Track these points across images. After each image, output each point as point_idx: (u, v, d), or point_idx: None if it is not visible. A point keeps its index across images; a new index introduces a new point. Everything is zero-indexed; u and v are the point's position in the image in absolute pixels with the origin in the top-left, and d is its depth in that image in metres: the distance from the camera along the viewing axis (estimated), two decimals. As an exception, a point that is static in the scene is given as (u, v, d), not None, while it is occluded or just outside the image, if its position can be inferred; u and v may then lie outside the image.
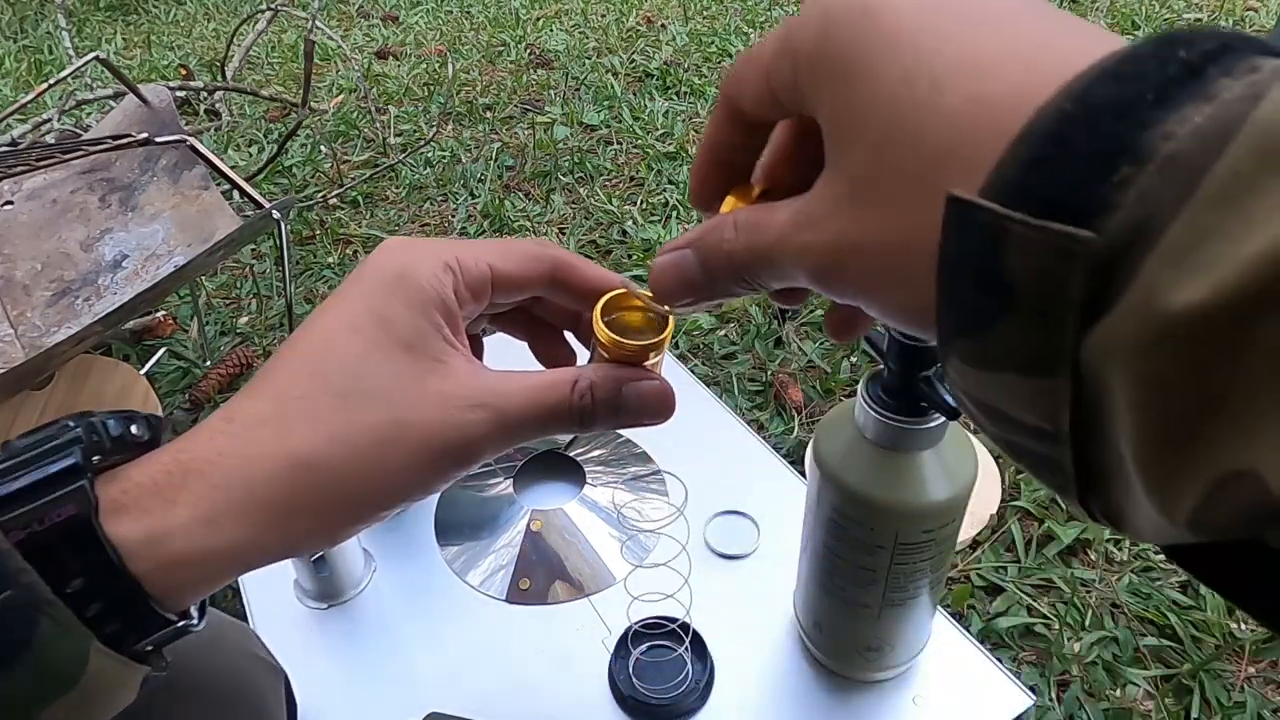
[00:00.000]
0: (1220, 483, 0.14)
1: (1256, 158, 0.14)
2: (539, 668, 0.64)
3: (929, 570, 0.53)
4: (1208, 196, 0.14)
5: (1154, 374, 0.14)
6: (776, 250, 0.23)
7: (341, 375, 0.27)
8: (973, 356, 0.18)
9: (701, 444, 0.80)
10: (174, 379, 1.20)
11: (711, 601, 0.64)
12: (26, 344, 0.99)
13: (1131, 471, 0.16)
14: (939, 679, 0.62)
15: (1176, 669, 0.78)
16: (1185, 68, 0.15)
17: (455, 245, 0.30)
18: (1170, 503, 0.15)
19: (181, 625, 0.27)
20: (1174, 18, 2.11)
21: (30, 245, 1.10)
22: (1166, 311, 0.14)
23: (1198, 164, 0.14)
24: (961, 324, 0.18)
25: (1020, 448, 0.18)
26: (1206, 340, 0.14)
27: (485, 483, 0.78)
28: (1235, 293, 0.13)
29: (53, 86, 1.41)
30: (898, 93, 0.19)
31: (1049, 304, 0.16)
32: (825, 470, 0.51)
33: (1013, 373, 0.17)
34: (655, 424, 0.30)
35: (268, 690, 0.50)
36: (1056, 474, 0.18)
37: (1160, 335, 0.14)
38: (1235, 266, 0.13)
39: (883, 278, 0.21)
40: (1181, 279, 0.14)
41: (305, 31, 1.84)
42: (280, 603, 0.69)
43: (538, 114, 1.85)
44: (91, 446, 0.26)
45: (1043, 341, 0.16)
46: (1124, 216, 0.15)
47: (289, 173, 1.67)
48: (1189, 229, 0.14)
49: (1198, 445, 0.14)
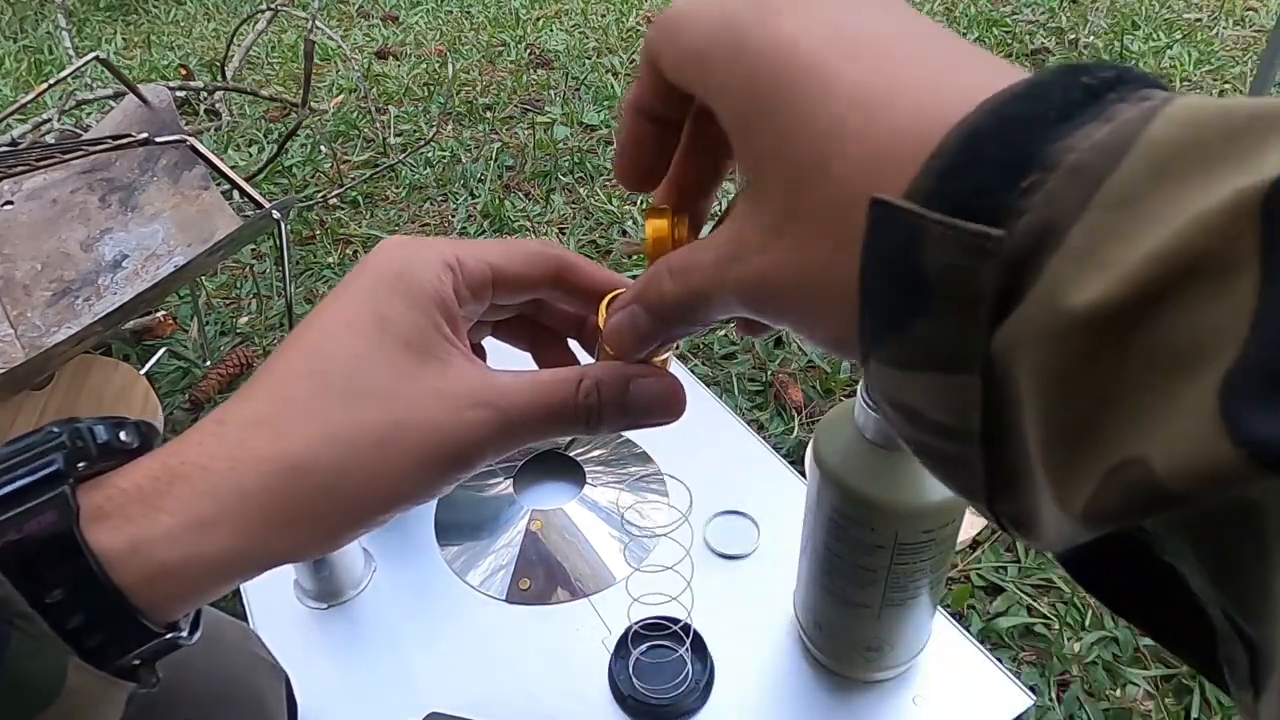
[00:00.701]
0: (1114, 470, 0.15)
1: (1149, 169, 0.15)
2: (539, 668, 0.64)
3: (929, 570, 0.53)
4: (1106, 202, 0.15)
5: (1055, 367, 0.15)
6: (712, 288, 0.24)
7: (339, 375, 0.26)
8: (892, 357, 0.19)
9: (701, 444, 0.80)
10: (174, 379, 1.20)
11: (711, 601, 0.64)
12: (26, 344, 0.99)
13: (1036, 465, 0.17)
14: (939, 679, 0.62)
15: (1176, 669, 0.78)
16: (1086, 91, 0.17)
17: (456, 244, 0.29)
18: (1069, 493, 0.16)
19: (170, 638, 0.26)
20: (1174, 17, 2.11)
21: (30, 245, 1.10)
22: (1067, 308, 0.15)
23: (1098, 173, 0.15)
24: (882, 325, 0.19)
25: (933, 449, 0.19)
26: (1102, 336, 0.15)
27: (485, 483, 0.78)
28: (1128, 291, 0.14)
29: (53, 86, 1.41)
30: (808, 127, 0.20)
31: (962, 300, 0.17)
32: (825, 470, 0.51)
33: (928, 371, 0.18)
34: (664, 423, 0.29)
35: (268, 690, 0.50)
36: (967, 475, 0.18)
37: (1062, 330, 0.15)
38: (1128, 268, 0.14)
39: (808, 308, 0.22)
40: (1081, 277, 0.15)
41: (305, 31, 1.84)
42: (280, 603, 0.69)
43: (538, 114, 1.85)
44: (76, 453, 0.25)
45: (956, 337, 0.17)
46: (1031, 218, 0.16)
47: (289, 173, 1.67)
48: (1088, 231, 0.15)
49: (1094, 436, 0.15)
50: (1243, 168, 0.14)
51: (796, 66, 0.20)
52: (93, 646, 0.24)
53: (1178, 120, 0.15)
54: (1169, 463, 0.14)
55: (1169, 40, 1.99)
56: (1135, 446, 0.14)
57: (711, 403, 0.86)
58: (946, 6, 2.26)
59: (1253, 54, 1.91)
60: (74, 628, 0.24)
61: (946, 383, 0.18)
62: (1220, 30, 2.02)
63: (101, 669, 0.24)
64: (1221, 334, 0.13)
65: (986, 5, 2.24)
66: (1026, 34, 2.07)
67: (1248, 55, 1.92)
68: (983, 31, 2.09)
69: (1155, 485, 0.14)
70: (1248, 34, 2.01)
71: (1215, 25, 2.05)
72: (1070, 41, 2.01)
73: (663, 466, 0.79)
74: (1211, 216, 0.14)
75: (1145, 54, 1.94)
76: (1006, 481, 0.18)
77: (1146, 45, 1.97)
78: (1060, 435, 0.16)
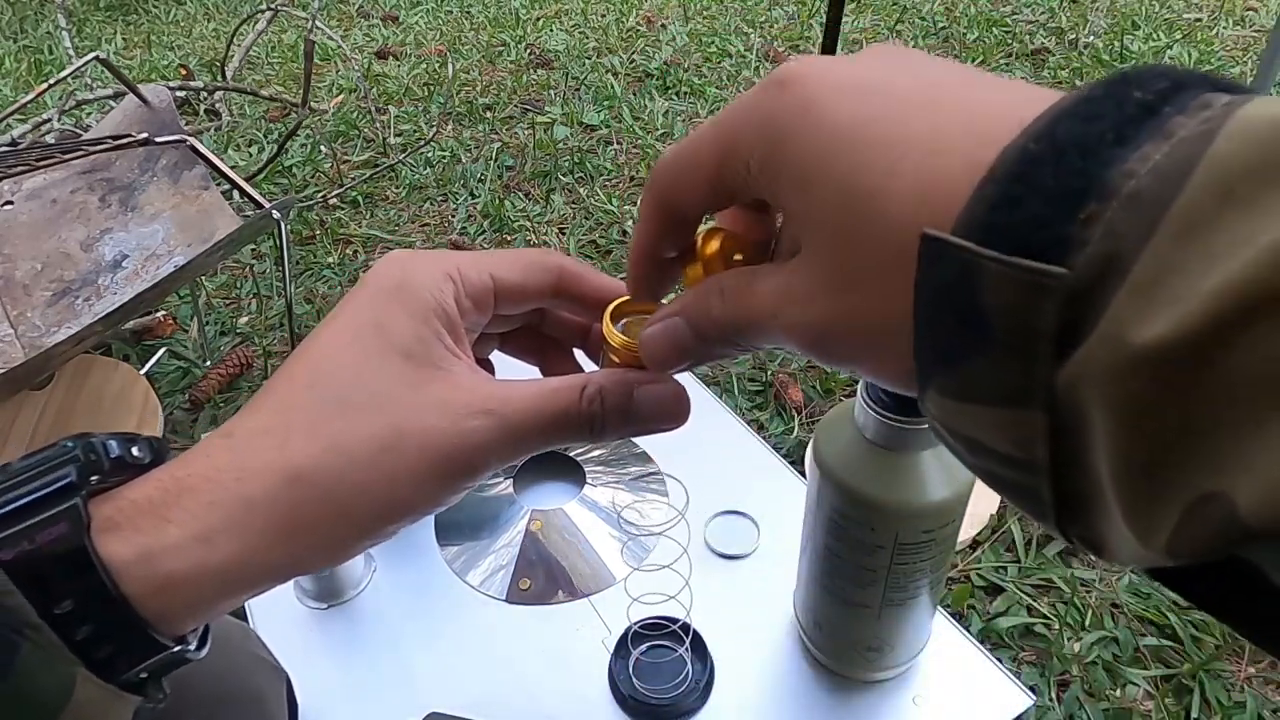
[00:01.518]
0: (1194, 505, 0.14)
1: (1214, 194, 0.14)
2: (539, 668, 0.64)
3: (929, 570, 0.53)
4: (1170, 232, 0.15)
5: (1128, 403, 0.15)
6: (765, 321, 0.24)
7: (340, 385, 0.26)
8: (950, 390, 0.18)
9: (701, 444, 0.80)
10: (174, 379, 1.20)
11: (711, 601, 0.64)
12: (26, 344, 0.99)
13: (1110, 498, 0.16)
14: (939, 679, 0.62)
15: (1176, 669, 0.78)
16: (1141, 107, 0.16)
17: (457, 256, 0.29)
18: (1148, 527, 0.15)
19: (178, 651, 0.26)
20: (1174, 17, 2.11)
21: (30, 245, 1.10)
22: (1135, 345, 0.14)
23: (1159, 200, 0.15)
24: (938, 358, 0.18)
25: (999, 477, 0.19)
26: (1173, 372, 0.14)
27: (485, 483, 0.78)
28: (1198, 327, 0.14)
29: (53, 86, 1.41)
30: (850, 187, 0.20)
31: (1023, 337, 0.16)
32: (825, 470, 0.51)
33: (988, 405, 0.17)
34: (669, 429, 0.29)
35: (268, 690, 0.50)
36: (1036, 503, 0.18)
37: (1131, 367, 0.15)
38: (1198, 302, 0.14)
39: (868, 352, 0.22)
40: (1148, 313, 0.14)
41: (305, 31, 1.84)
42: (280, 603, 0.69)
43: (538, 114, 1.85)
44: (89, 466, 0.25)
45: (1017, 374, 0.17)
46: (1092, 252, 0.15)
47: (289, 173, 1.67)
48: (1153, 264, 0.15)
49: (1172, 471, 0.15)
50: None
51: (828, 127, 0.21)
52: (101, 658, 0.24)
53: (1241, 137, 0.14)
54: (1254, 496, 0.13)
55: (1169, 40, 1.99)
56: (1213, 480, 0.14)
57: (711, 403, 0.86)
58: (946, 6, 2.26)
59: (1253, 54, 1.91)
60: (83, 639, 0.24)
61: (1009, 417, 0.17)
62: (1220, 30, 2.02)
63: (110, 681, 0.24)
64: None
65: (987, 5, 2.24)
66: (1026, 34, 2.07)
67: (1248, 55, 1.92)
68: (983, 31, 2.09)
69: (1238, 522, 0.13)
70: (1248, 34, 2.01)
71: (1215, 25, 2.05)
72: (1070, 41, 2.02)
73: (663, 466, 0.79)
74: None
75: (1145, 54, 1.94)
76: (1076, 508, 0.17)
77: (1146, 45, 1.97)
78: (1136, 469, 0.15)
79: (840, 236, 0.21)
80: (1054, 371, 0.16)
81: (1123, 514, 0.16)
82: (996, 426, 0.18)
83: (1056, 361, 0.16)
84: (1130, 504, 0.16)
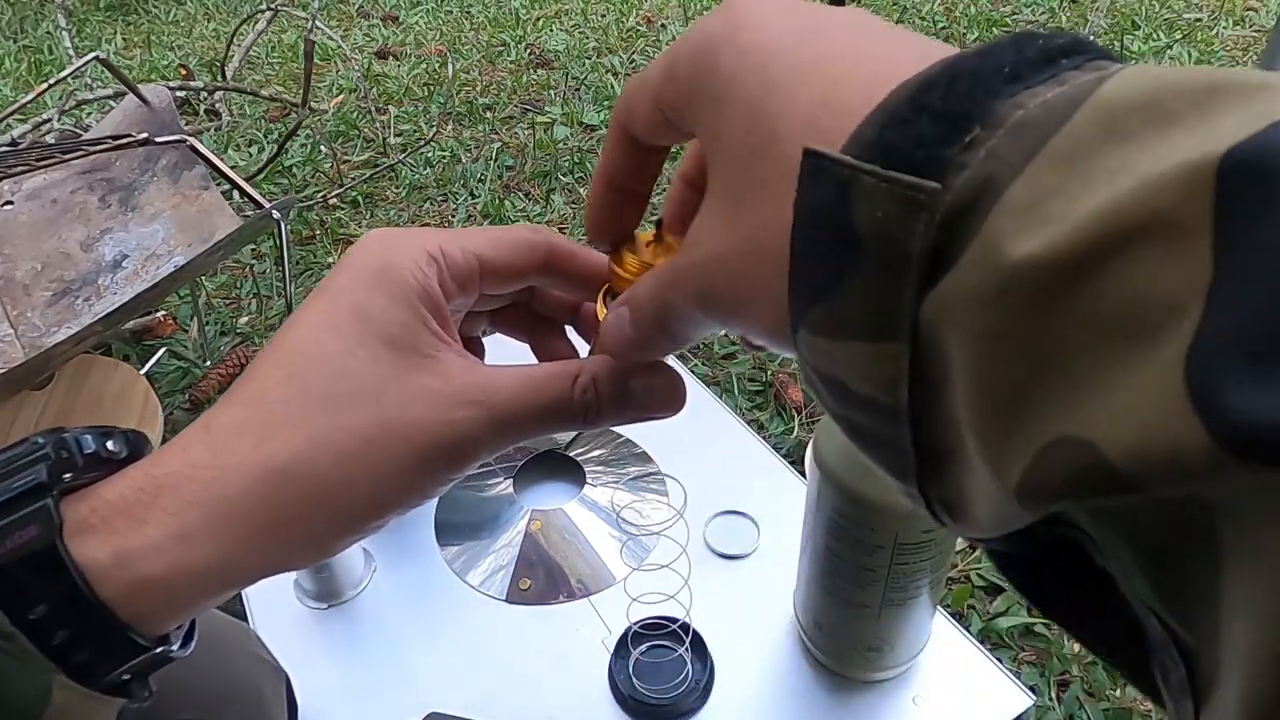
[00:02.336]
0: (1050, 447, 0.14)
1: (1098, 126, 0.14)
2: (539, 668, 0.64)
3: (929, 570, 0.53)
4: (1051, 157, 0.14)
5: (989, 328, 0.15)
6: (671, 288, 0.23)
7: (322, 375, 0.25)
8: (819, 325, 0.18)
9: (701, 444, 0.80)
10: (174, 379, 1.20)
11: (711, 601, 0.64)
12: (26, 344, 0.99)
13: (968, 440, 0.16)
14: (939, 679, 0.62)
15: (1176, 669, 0.78)
16: (1041, 54, 0.16)
17: (440, 235, 0.28)
18: (1003, 467, 0.15)
19: (160, 652, 0.25)
20: (1174, 17, 2.11)
21: (30, 245, 1.10)
22: (1005, 262, 0.14)
23: (1044, 130, 0.15)
24: (812, 290, 0.18)
25: (861, 427, 0.18)
26: (1039, 296, 0.14)
27: (485, 483, 0.78)
28: (1069, 249, 0.13)
29: (53, 86, 1.41)
30: (756, 104, 0.20)
31: (892, 257, 0.16)
32: (825, 470, 0.51)
33: (856, 339, 0.17)
34: (665, 416, 0.28)
35: (268, 690, 0.50)
36: (897, 455, 0.18)
37: (997, 287, 0.14)
38: (1072, 225, 0.14)
39: (745, 294, 0.21)
40: (1020, 234, 0.14)
41: (305, 31, 1.84)
42: (280, 603, 0.69)
43: (538, 114, 1.85)
44: (60, 464, 0.24)
45: (885, 300, 0.16)
46: (970, 175, 0.15)
47: (289, 173, 1.67)
48: (1031, 186, 0.14)
49: (1031, 403, 0.14)
50: (1197, 130, 0.13)
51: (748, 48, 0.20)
52: (79, 663, 0.23)
53: (1131, 82, 0.15)
54: (1121, 443, 0.13)
55: (1169, 40, 1.99)
56: (1078, 419, 0.13)
57: (711, 403, 0.86)
58: (947, 7, 2.26)
59: (1253, 54, 1.91)
60: (59, 644, 0.23)
61: (874, 351, 0.17)
62: (1220, 30, 2.02)
63: (90, 686, 0.24)
64: (1177, 301, 0.12)
65: (987, 5, 2.24)
66: (1026, 34, 2.06)
67: (1248, 55, 1.92)
68: (983, 31, 2.09)
69: (1102, 465, 0.13)
70: (1248, 34, 2.01)
71: (1215, 25, 2.05)
72: (1070, 41, 2.01)
73: (663, 466, 0.79)
74: (1164, 178, 0.13)
75: (1145, 54, 1.94)
76: (936, 461, 0.17)
77: (1146, 45, 1.97)
78: (994, 402, 0.15)
79: (741, 160, 0.20)
80: (920, 298, 0.16)
81: (979, 453, 0.15)
82: (861, 363, 0.17)
83: (925, 288, 0.16)
84: (986, 440, 0.15)
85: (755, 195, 0.20)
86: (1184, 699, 0.15)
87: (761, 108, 0.20)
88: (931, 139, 0.16)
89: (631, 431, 0.82)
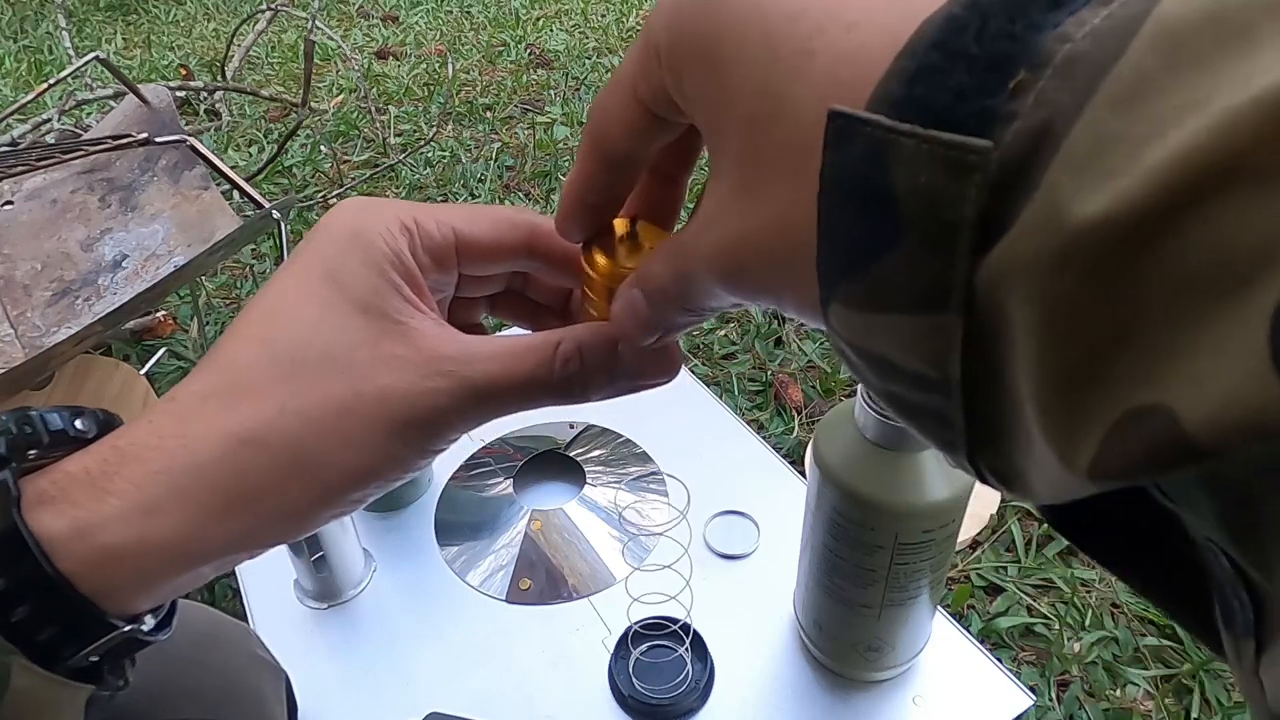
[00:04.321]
0: (1125, 419, 0.13)
1: (1161, 54, 0.12)
2: (539, 668, 0.64)
3: (929, 570, 0.53)
4: (1110, 97, 0.12)
5: (1056, 295, 0.13)
6: (692, 265, 0.21)
7: (292, 342, 0.24)
8: (856, 300, 0.16)
9: (701, 444, 0.80)
10: (174, 379, 1.20)
11: (711, 601, 0.64)
12: (26, 344, 0.99)
13: (1029, 415, 0.14)
14: (939, 679, 0.62)
15: (1176, 669, 0.78)
16: None
17: (415, 206, 0.27)
18: (1071, 446, 0.13)
19: (128, 630, 0.24)
20: None
21: (30, 245, 1.10)
22: (1070, 222, 0.12)
23: (1099, 65, 0.13)
24: (845, 263, 0.16)
25: (906, 401, 0.17)
26: (1109, 258, 0.12)
27: (485, 483, 0.78)
28: (1140, 204, 0.12)
29: (53, 86, 1.41)
30: (761, 64, 0.18)
31: (941, 225, 0.14)
32: (825, 470, 0.51)
33: (900, 312, 0.15)
34: (657, 385, 0.26)
35: (268, 690, 0.50)
36: (945, 429, 0.16)
37: (1064, 249, 0.13)
38: (1141, 176, 0.12)
39: (777, 270, 0.19)
40: (1085, 188, 0.12)
41: (305, 31, 1.84)
42: (280, 603, 0.69)
43: (538, 114, 1.85)
44: (23, 439, 0.24)
45: (934, 270, 0.14)
46: (1021, 126, 0.13)
47: (289, 173, 1.67)
48: (1091, 135, 0.13)
49: (1101, 379, 0.13)
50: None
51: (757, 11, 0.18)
52: (43, 641, 0.23)
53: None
54: (1200, 410, 0.11)
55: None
56: (1155, 390, 0.12)
57: (711, 403, 0.86)
58: None
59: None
60: (19, 620, 0.22)
61: (922, 325, 0.15)
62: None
63: (53, 669, 0.23)
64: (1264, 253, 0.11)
65: None
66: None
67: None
68: None
69: (1180, 437, 0.12)
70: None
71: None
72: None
73: (662, 466, 0.79)
74: (1243, 112, 0.11)
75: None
76: (989, 432, 0.15)
77: (1146, 45, 1.98)
78: (1061, 377, 0.13)
79: (755, 127, 0.18)
80: (975, 266, 0.14)
81: (1043, 431, 0.14)
82: (908, 338, 0.15)
83: (978, 255, 0.14)
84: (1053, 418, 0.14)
85: (777, 165, 0.18)
86: (1246, 639, 0.15)
87: (771, 64, 0.17)
88: (971, 91, 0.14)
89: (632, 431, 0.82)
